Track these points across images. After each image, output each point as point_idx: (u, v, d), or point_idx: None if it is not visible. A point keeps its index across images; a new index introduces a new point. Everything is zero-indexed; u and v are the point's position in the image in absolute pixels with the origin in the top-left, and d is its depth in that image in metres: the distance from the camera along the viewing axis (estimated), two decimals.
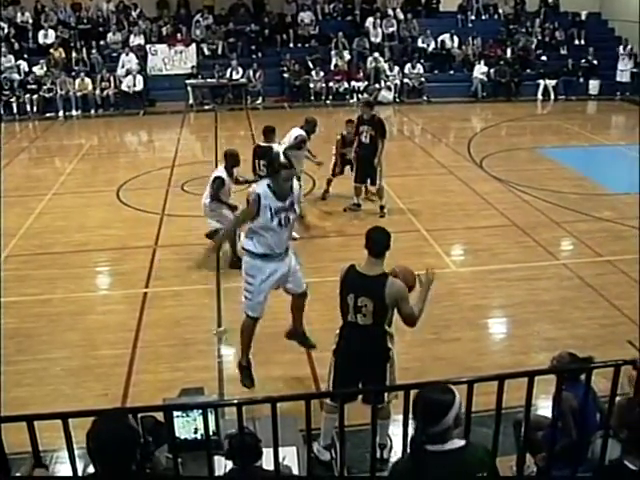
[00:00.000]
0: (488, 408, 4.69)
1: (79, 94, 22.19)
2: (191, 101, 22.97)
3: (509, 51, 25.08)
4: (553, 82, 24.17)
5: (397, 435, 5.27)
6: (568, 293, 9.39)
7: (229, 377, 7.45)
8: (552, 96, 24.10)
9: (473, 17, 26.69)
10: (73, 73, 22.64)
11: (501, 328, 8.96)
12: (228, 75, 23.14)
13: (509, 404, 4.98)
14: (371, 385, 5.54)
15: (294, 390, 6.90)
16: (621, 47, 24.69)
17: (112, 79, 22.63)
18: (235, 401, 4.32)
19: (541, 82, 24.21)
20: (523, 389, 4.41)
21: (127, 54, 23.17)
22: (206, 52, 24.59)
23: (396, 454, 5.52)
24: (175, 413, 4.62)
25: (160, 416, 4.40)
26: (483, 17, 26.91)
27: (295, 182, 6.98)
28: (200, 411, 4.55)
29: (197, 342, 8.14)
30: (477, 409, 4.81)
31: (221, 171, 10.12)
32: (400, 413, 4.18)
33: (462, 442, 3.58)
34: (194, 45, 24.29)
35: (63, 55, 23.16)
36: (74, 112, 22.11)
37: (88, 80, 22.38)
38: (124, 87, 22.44)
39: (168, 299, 9.25)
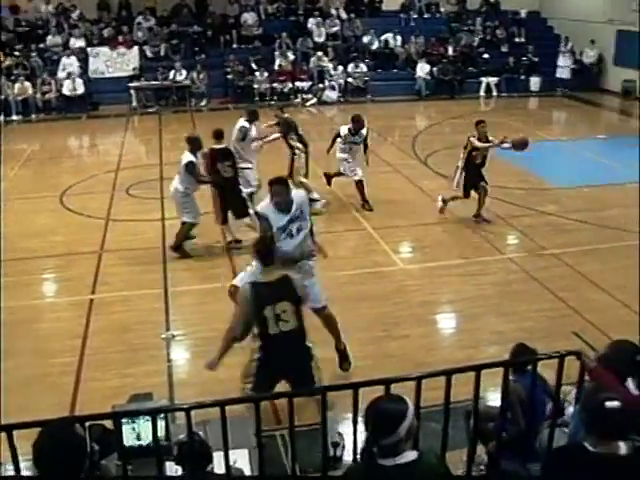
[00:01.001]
0: (438, 403, 4.73)
1: (19, 98, 21.74)
2: (134, 104, 22.71)
3: (451, 49, 25.35)
4: (495, 79, 24.53)
5: (348, 434, 5.28)
6: (514, 287, 9.54)
7: (179, 381, 7.42)
8: (494, 93, 24.45)
9: (416, 16, 26.88)
10: (12, 77, 22.14)
11: (450, 323, 9.06)
12: (171, 77, 22.92)
13: (459, 398, 5.05)
14: (300, 383, 5.59)
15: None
16: (562, 44, 25.15)
17: (53, 83, 22.21)
18: (185, 406, 4.28)
19: (483, 80, 24.55)
20: (472, 383, 4.47)
21: (68, 57, 22.78)
22: (149, 54, 24.33)
23: (349, 453, 5.52)
24: (124, 420, 4.57)
25: (109, 423, 4.34)
26: (425, 16, 27.13)
27: (296, 191, 7.16)
28: (149, 417, 4.49)
29: (146, 347, 8.05)
30: (427, 404, 4.86)
31: (189, 156, 10.62)
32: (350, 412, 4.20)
33: (414, 454, 3.55)
34: (136, 47, 24.01)
35: (2, 58, 22.67)
36: (14, 117, 21.66)
37: (28, 84, 21.92)
38: (65, 91, 22.08)
39: (115, 305, 9.13)
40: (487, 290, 9.44)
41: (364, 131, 12.37)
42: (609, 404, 3.63)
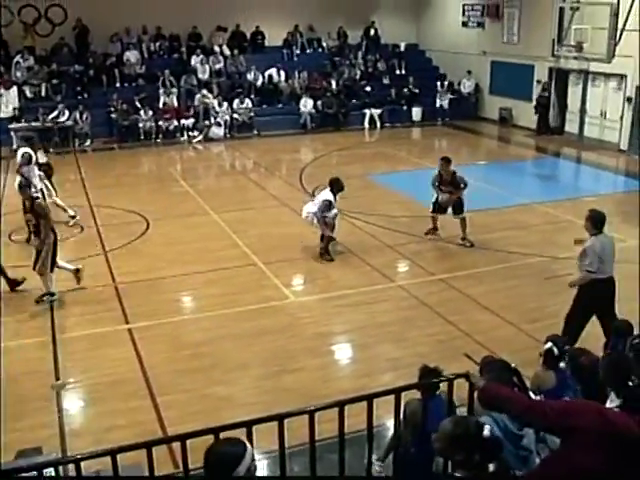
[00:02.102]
0: (334, 435, 4.77)
1: None
2: (15, 146, 21.99)
3: (334, 83, 25.82)
4: (378, 111, 25.11)
5: None
6: (406, 313, 9.74)
7: (71, 432, 7.17)
8: (378, 124, 25.01)
9: (298, 51, 27.29)
10: None
11: (344, 353, 9.13)
12: (54, 117, 22.40)
13: (356, 427, 5.10)
14: None
15: (140, 438, 6.69)
16: (438, 83, 26.07)
17: None
18: (78, 456, 4.16)
19: (367, 111, 25.08)
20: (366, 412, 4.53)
21: None
22: (29, 94, 23.66)
23: None
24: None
25: None
26: (308, 51, 27.58)
27: None
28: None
29: (34, 399, 7.75)
30: (323, 436, 4.89)
31: (329, 195, 11.92)
32: None
33: None
34: (15, 87, 23.32)
35: None
36: None
37: None
38: None
39: None
40: (379, 318, 9.58)
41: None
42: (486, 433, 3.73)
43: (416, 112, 25.63)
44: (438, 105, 25.72)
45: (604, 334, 7.87)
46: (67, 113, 22.46)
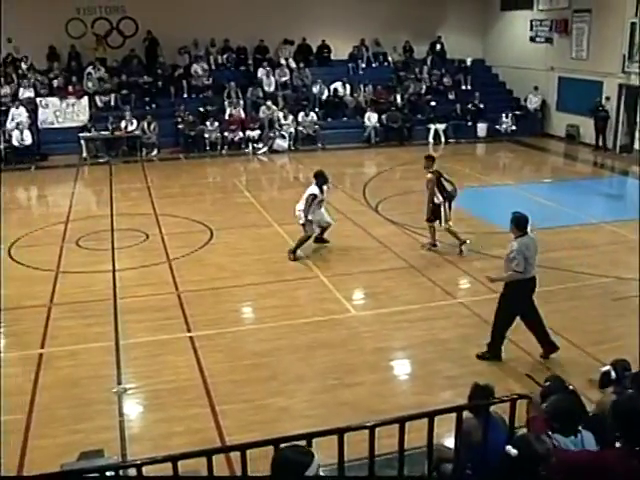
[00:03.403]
0: (393, 450, 4.75)
1: None
2: (85, 154, 22.55)
3: (399, 97, 25.81)
4: (443, 126, 24.99)
5: None
6: (467, 330, 9.63)
7: (131, 437, 7.28)
8: (442, 139, 24.88)
9: (364, 65, 27.40)
10: None
11: (403, 369, 9.07)
12: (122, 127, 22.89)
13: (414, 444, 5.07)
14: None
15: (197, 446, 6.77)
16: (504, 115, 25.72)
17: (1, 133, 22.01)
18: (137, 462, 4.23)
19: (431, 126, 24.98)
20: (426, 428, 4.50)
21: (17, 107, 22.57)
22: (99, 104, 24.31)
23: None
24: None
25: None
26: (374, 65, 27.66)
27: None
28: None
29: (97, 402, 7.91)
30: (382, 452, 4.88)
31: (314, 189, 12.49)
32: None
33: None
34: (86, 97, 23.93)
35: None
36: None
37: None
38: (14, 141, 21.88)
39: (65, 359, 8.97)
40: (440, 335, 9.51)
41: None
42: (508, 448, 3.69)
43: (481, 128, 25.41)
44: (502, 130, 25.43)
45: (533, 332, 8.68)
46: (135, 123, 22.94)
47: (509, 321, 8.73)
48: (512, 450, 3.71)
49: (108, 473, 4.19)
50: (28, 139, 22.01)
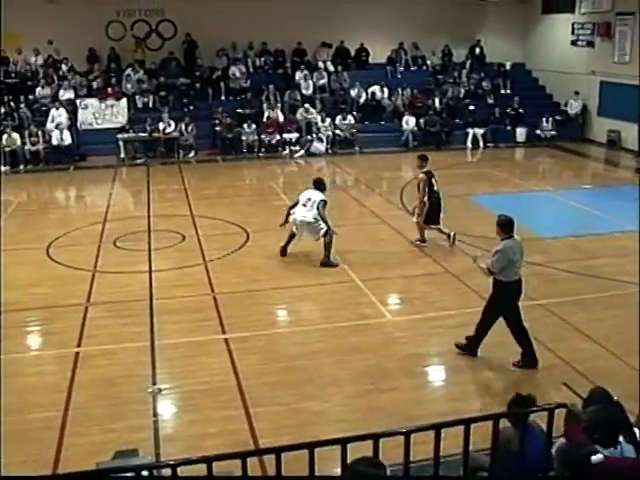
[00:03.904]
0: (428, 457, 4.72)
1: (7, 149, 21.80)
2: (123, 155, 22.80)
3: (438, 101, 25.70)
4: (481, 130, 24.83)
5: None
6: (503, 338, 9.49)
7: (165, 437, 7.33)
8: (481, 144, 24.72)
9: (402, 68, 27.34)
10: (1, 128, 22.25)
11: (439, 376, 9.01)
12: (160, 129, 23.09)
13: (449, 451, 5.04)
14: None
15: (231, 447, 6.79)
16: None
17: (41, 134, 22.34)
18: (171, 462, 4.25)
19: (470, 131, 24.84)
20: (462, 435, 4.46)
21: (57, 108, 22.90)
22: (138, 105, 24.56)
23: None
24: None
25: None
26: (412, 68, 27.59)
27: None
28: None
29: (132, 401, 7.98)
30: (417, 458, 4.85)
31: (321, 195, 12.65)
32: None
33: None
34: (125, 99, 24.21)
35: None
36: (2, 168, 21.68)
37: (16, 135, 22.00)
38: (54, 141, 22.19)
39: (101, 358, 9.06)
40: None
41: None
42: (594, 458, 3.63)
43: (520, 132, 25.21)
44: (542, 135, 25.20)
45: (514, 337, 8.69)
46: (173, 124, 23.13)
47: (491, 321, 8.79)
48: (597, 457, 3.63)
49: (144, 472, 4.21)
50: (67, 139, 22.31)
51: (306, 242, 13.33)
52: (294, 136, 23.67)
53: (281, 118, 24.11)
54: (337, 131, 23.93)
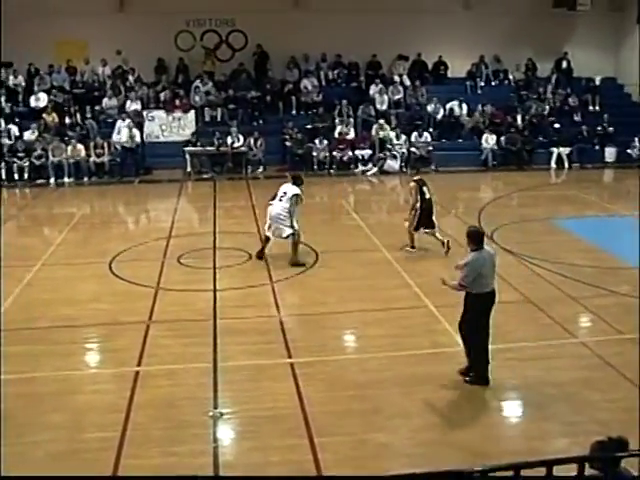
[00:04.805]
0: None
1: (72, 161, 22.39)
2: (189, 169, 23.17)
3: (520, 118, 25.44)
4: (567, 150, 24.46)
5: None
6: (587, 373, 9.31)
7: (225, 463, 7.37)
8: (566, 164, 24.36)
9: (482, 84, 27.21)
10: (66, 138, 22.86)
11: (515, 411, 8.82)
12: (228, 143, 23.38)
13: None
14: None
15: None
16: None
17: (106, 145, 22.87)
18: None
19: (554, 150, 24.50)
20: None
21: (123, 120, 23.44)
22: (206, 119, 24.94)
23: None
24: None
25: None
26: (493, 83, 27.44)
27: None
28: None
29: (192, 425, 8.05)
30: None
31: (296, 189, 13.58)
32: None
33: None
34: (193, 111, 24.66)
35: (56, 120, 23.54)
36: (66, 179, 22.31)
37: (81, 146, 22.62)
38: (123, 139, 22.76)
39: (161, 378, 9.19)
40: (557, 376, 9.21)
41: None
42: None
43: (609, 152, 24.75)
44: (634, 155, 24.62)
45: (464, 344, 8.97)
46: (241, 139, 23.40)
47: (480, 339, 8.85)
48: None
49: None
50: (137, 138, 22.85)
51: (378, 265, 13.30)
52: (367, 153, 23.71)
53: (354, 134, 24.19)
54: (412, 149, 23.87)
